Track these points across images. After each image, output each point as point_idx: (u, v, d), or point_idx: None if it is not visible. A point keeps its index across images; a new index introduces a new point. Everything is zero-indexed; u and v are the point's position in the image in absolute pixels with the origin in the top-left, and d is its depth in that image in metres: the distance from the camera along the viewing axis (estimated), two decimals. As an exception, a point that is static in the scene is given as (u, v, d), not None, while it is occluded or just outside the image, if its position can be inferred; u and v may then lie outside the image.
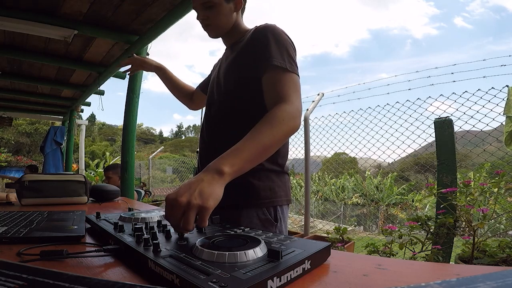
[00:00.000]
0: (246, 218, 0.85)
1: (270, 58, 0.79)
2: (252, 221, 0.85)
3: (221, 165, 0.59)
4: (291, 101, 0.75)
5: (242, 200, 0.86)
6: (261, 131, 0.68)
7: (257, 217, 0.86)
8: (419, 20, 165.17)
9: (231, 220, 0.79)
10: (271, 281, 0.35)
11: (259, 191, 0.87)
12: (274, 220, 0.88)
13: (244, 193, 0.86)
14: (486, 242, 1.74)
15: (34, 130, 19.96)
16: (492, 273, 0.24)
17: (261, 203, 0.87)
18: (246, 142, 0.66)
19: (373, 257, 0.52)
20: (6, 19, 2.16)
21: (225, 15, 0.89)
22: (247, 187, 0.86)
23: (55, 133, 5.50)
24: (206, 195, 0.53)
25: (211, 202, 0.54)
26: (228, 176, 0.60)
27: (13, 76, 3.65)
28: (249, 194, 0.86)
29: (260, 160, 0.69)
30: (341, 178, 7.86)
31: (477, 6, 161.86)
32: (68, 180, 1.28)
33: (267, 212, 0.87)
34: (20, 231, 0.62)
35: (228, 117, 0.92)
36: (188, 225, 0.51)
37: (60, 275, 0.31)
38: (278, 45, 0.81)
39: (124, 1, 2.11)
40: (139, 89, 2.68)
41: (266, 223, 0.86)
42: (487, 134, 2.47)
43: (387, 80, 3.28)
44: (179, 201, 0.52)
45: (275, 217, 0.88)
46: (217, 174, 0.58)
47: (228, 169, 0.59)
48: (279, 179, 0.91)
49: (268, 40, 0.81)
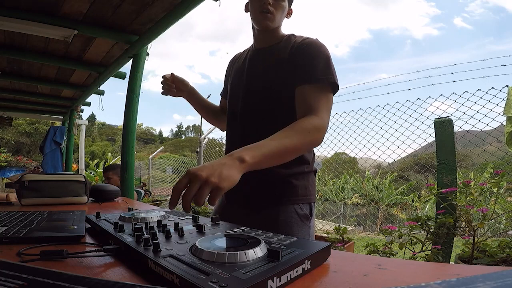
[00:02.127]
0: (285, 213, 0.92)
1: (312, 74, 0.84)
2: (291, 215, 0.92)
3: (244, 154, 0.63)
4: (321, 116, 0.79)
5: (283, 197, 0.93)
6: (286, 135, 0.72)
7: (295, 212, 0.93)
8: (419, 20, 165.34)
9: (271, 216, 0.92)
10: (271, 281, 0.35)
11: (297, 189, 0.94)
12: (310, 214, 0.96)
13: (285, 191, 0.93)
14: (486, 242, 1.74)
15: (34, 130, 19.95)
16: (492, 273, 0.24)
17: (299, 199, 0.95)
18: (270, 141, 0.69)
19: (373, 257, 0.52)
20: (6, 19, 2.16)
21: (283, 12, 0.96)
22: (287, 186, 0.93)
23: (54, 133, 5.50)
24: (224, 176, 0.57)
25: (225, 184, 0.57)
26: (248, 165, 0.63)
27: (13, 76, 3.65)
28: (289, 192, 0.94)
29: (279, 161, 0.72)
30: (341, 178, 7.87)
31: (476, 7, 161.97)
32: (68, 180, 1.28)
33: (304, 207, 0.95)
34: (20, 231, 0.62)
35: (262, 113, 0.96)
36: (200, 198, 0.54)
37: (60, 275, 0.31)
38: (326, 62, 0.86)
39: (124, 1, 2.11)
40: (139, 89, 2.68)
41: (303, 217, 0.94)
42: (487, 134, 2.48)
43: (387, 80, 3.28)
44: (199, 175, 0.55)
45: (310, 212, 0.97)
46: (238, 160, 0.62)
47: (249, 159, 0.63)
48: (312, 179, 1.00)
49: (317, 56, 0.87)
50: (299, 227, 0.92)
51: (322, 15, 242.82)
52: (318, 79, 0.84)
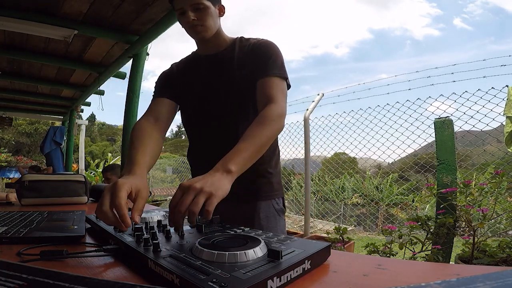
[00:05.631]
0: (265, 208, 0.98)
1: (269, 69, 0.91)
2: (270, 210, 0.99)
3: (229, 164, 0.66)
4: (279, 103, 0.85)
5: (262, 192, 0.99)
6: (257, 131, 0.76)
7: (273, 207, 1.00)
8: (419, 20, 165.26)
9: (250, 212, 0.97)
10: (271, 281, 0.35)
11: (273, 185, 1.02)
12: (284, 207, 1.05)
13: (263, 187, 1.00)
14: (486, 242, 1.74)
15: (34, 130, 19.95)
16: (492, 273, 0.24)
17: (275, 194, 1.02)
18: (245, 143, 0.73)
19: (373, 257, 0.52)
20: (6, 19, 2.17)
21: (213, 17, 0.94)
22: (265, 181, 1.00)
23: (54, 133, 5.50)
24: (217, 186, 0.59)
25: (220, 192, 0.58)
26: (235, 173, 0.66)
27: (13, 76, 3.66)
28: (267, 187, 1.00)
29: (258, 157, 0.76)
30: (341, 178, 7.87)
31: (475, 7, 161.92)
32: (68, 180, 1.28)
33: (279, 202, 1.03)
34: (20, 231, 0.62)
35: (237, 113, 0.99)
36: (196, 206, 0.54)
37: (60, 275, 0.31)
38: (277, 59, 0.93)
39: (124, 1, 2.11)
40: (139, 89, 2.68)
41: (279, 211, 1.02)
42: (487, 134, 2.48)
43: (387, 80, 3.29)
44: (193, 187, 0.56)
45: (283, 206, 1.05)
46: (225, 172, 0.64)
47: (234, 168, 0.66)
48: (280, 174, 1.08)
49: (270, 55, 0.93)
50: (277, 221, 1.00)
51: (322, 15, 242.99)
52: (275, 73, 0.91)
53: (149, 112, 0.98)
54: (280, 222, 1.01)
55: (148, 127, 0.90)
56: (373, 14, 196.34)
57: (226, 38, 1.02)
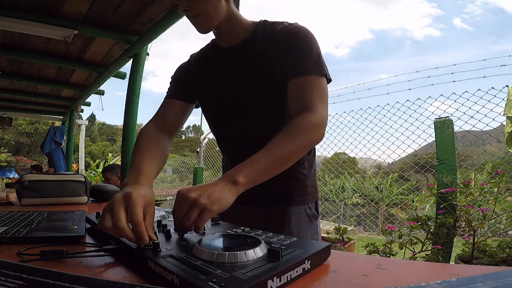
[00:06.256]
0: (296, 215, 0.87)
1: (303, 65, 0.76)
2: (301, 216, 0.88)
3: (237, 175, 0.59)
4: (317, 110, 0.72)
5: (294, 197, 0.88)
6: (281, 142, 0.66)
7: (305, 212, 0.89)
8: (419, 20, 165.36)
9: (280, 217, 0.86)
10: (271, 281, 0.35)
11: (307, 188, 0.89)
12: (317, 212, 0.92)
13: (296, 191, 0.88)
14: (486, 242, 1.74)
15: (34, 130, 19.96)
16: (492, 273, 0.24)
17: (308, 199, 0.90)
18: (264, 153, 0.64)
19: (373, 257, 0.52)
20: (6, 19, 2.17)
21: (210, 3, 0.76)
22: (298, 185, 0.88)
23: (54, 133, 5.50)
24: (214, 198, 0.54)
25: (215, 207, 0.53)
26: (242, 186, 0.59)
27: (13, 76, 3.66)
28: (300, 191, 0.89)
29: (279, 170, 0.66)
30: (342, 178, 7.86)
31: (475, 8, 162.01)
32: (68, 180, 1.28)
33: (312, 207, 0.91)
34: (20, 231, 0.62)
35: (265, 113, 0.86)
36: (187, 221, 0.51)
37: (60, 275, 0.31)
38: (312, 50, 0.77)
39: (124, 1, 2.11)
40: (139, 89, 2.68)
41: (311, 217, 0.90)
42: (487, 134, 2.48)
43: (387, 80, 3.29)
44: (188, 196, 0.53)
45: (317, 211, 0.92)
46: (231, 183, 0.58)
47: (242, 179, 0.59)
48: (316, 175, 0.95)
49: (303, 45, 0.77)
50: (308, 227, 0.88)
51: (322, 16, 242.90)
52: (312, 70, 0.75)
53: (158, 115, 0.91)
54: (312, 229, 0.89)
55: (157, 133, 0.85)
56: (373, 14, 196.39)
57: (245, 25, 0.85)
